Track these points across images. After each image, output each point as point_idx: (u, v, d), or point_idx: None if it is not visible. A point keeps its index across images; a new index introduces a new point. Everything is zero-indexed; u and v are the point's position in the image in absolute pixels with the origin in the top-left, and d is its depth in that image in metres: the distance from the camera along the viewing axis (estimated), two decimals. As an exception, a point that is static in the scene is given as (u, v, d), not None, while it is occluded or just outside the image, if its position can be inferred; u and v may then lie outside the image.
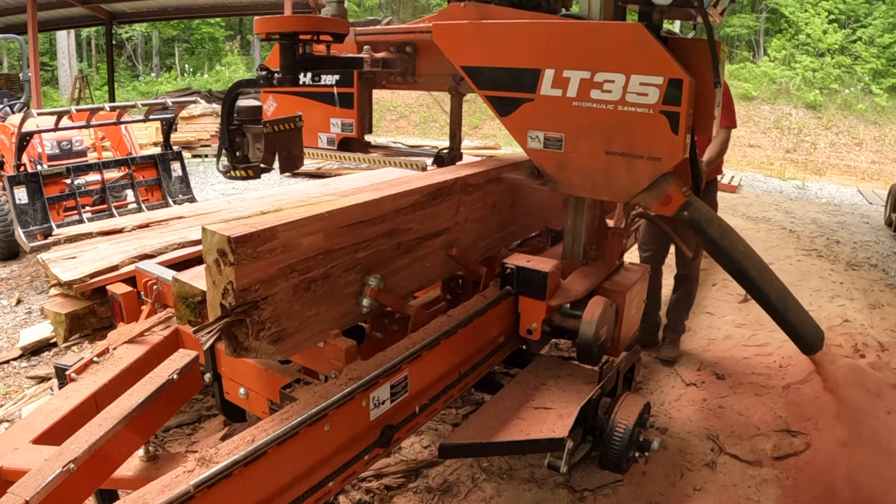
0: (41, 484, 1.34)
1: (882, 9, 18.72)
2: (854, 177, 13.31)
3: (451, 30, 2.32)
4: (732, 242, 2.27)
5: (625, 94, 2.03)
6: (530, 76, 2.16)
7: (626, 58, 2.01)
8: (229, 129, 2.19)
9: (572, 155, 2.18)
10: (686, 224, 2.19)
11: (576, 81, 2.09)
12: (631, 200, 2.19)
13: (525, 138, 2.25)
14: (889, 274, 6.01)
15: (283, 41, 2.09)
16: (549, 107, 2.15)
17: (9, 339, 4.28)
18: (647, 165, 2.06)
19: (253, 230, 1.49)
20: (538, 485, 2.76)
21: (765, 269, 2.36)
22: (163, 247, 2.67)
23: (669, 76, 1.95)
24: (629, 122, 2.04)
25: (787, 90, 16.92)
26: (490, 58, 2.24)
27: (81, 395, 1.81)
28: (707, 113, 2.13)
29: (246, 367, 1.98)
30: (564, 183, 2.25)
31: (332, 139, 3.07)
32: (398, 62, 2.79)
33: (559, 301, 2.22)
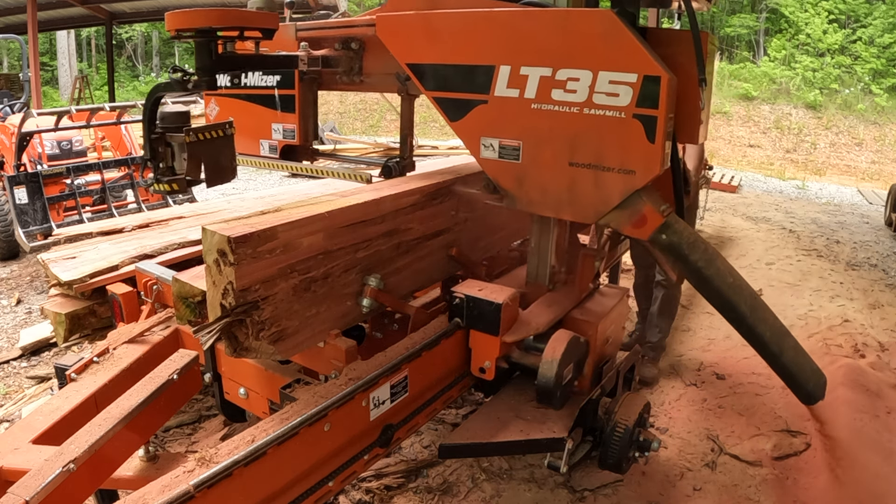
0: (41, 484, 1.34)
1: (882, 9, 18.72)
2: (854, 177, 13.31)
3: (395, 22, 2.03)
4: (719, 272, 1.93)
5: (591, 94, 1.74)
6: (483, 74, 1.88)
7: (594, 51, 1.73)
8: (151, 138, 1.98)
9: (531, 166, 1.89)
10: (664, 249, 1.88)
11: (535, 80, 1.81)
12: (599, 221, 1.88)
13: (478, 147, 1.96)
14: (889, 274, 6.01)
15: (199, 38, 1.86)
16: (504, 110, 1.87)
17: (9, 339, 4.28)
18: (617, 180, 1.77)
19: (253, 230, 1.49)
20: (538, 485, 2.76)
21: (758, 304, 2.03)
22: (163, 247, 2.67)
23: (644, 73, 1.66)
24: (597, 127, 1.76)
25: (787, 90, 16.91)
26: (438, 53, 1.95)
27: (81, 395, 1.82)
28: (691, 117, 1.88)
29: (246, 367, 1.98)
30: (522, 199, 1.95)
31: (274, 146, 2.77)
32: (342, 60, 2.47)
33: (516, 336, 1.94)
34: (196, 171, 2.04)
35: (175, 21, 1.83)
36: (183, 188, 2.03)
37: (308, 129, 2.71)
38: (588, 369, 2.09)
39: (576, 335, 1.95)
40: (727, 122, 15.88)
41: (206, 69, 1.90)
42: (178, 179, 2.03)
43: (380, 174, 2.61)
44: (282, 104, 2.67)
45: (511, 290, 1.95)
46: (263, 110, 2.74)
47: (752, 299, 2.01)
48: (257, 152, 2.82)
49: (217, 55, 1.90)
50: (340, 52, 2.46)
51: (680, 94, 1.80)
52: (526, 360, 1.98)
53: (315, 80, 2.65)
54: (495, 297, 1.90)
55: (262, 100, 2.74)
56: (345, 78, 2.54)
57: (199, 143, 2.03)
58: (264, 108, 2.74)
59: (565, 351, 1.88)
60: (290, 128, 2.68)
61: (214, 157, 2.11)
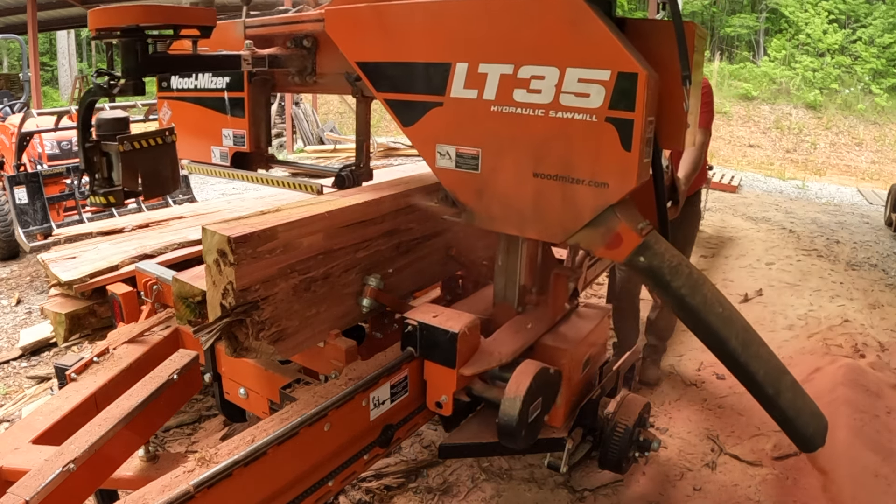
0: (41, 484, 1.34)
1: (882, 9, 18.73)
2: (854, 177, 13.31)
3: (344, 16, 1.85)
4: (707, 301, 1.69)
5: (558, 94, 1.54)
6: (438, 73, 1.69)
7: (560, 45, 1.52)
8: (85, 147, 1.84)
9: (491, 178, 1.69)
10: (643, 274, 1.66)
11: (494, 79, 1.61)
12: (569, 240, 1.66)
13: (433, 155, 1.76)
14: (889, 274, 6.01)
15: (124, 38, 1.68)
16: (461, 113, 1.68)
17: (9, 339, 4.28)
18: (588, 193, 1.57)
19: (253, 230, 1.49)
20: (538, 485, 2.76)
21: (751, 337, 1.79)
22: (163, 247, 2.67)
23: (619, 69, 1.46)
24: (564, 133, 1.55)
25: (787, 90, 16.92)
26: (390, 50, 1.77)
27: (81, 395, 1.82)
28: (676, 120, 1.66)
29: (246, 367, 1.98)
30: (482, 215, 1.75)
31: (224, 153, 2.53)
32: (293, 59, 2.25)
33: (476, 369, 1.73)
34: (133, 182, 1.90)
35: (97, 19, 1.66)
36: (120, 201, 1.90)
37: (259, 135, 2.48)
38: (562, 400, 1.90)
39: (545, 366, 1.75)
40: (727, 122, 15.88)
41: (132, 72, 1.71)
42: (115, 191, 1.89)
43: (333, 184, 2.34)
44: (231, 108, 2.45)
45: (469, 317, 1.74)
46: (214, 114, 2.51)
47: (745, 333, 1.76)
48: (209, 160, 2.60)
49: (145, 56, 1.72)
50: (291, 51, 2.25)
51: (664, 93, 1.61)
52: (489, 393, 1.77)
53: (267, 81, 2.44)
54: (451, 326, 1.69)
55: (213, 103, 2.51)
56: (297, 79, 2.32)
57: (135, 152, 1.89)
58: (214, 112, 2.51)
59: (531, 386, 1.67)
60: (241, 133, 2.45)
61: (153, 166, 1.96)
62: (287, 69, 2.26)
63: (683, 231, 3.36)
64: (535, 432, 1.78)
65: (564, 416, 1.93)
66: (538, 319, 1.98)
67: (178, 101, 2.66)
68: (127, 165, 1.87)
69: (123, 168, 1.87)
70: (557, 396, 1.87)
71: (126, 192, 1.90)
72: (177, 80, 2.58)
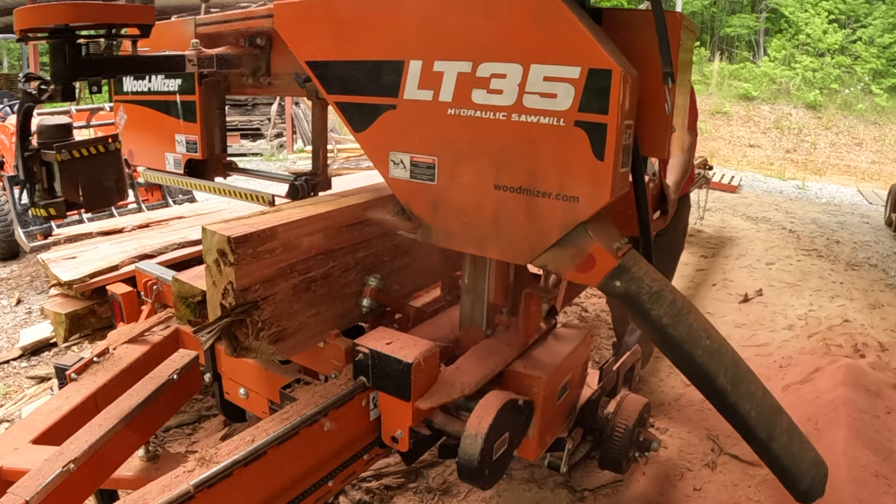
0: (41, 484, 1.34)
1: (882, 9, 18.73)
2: (854, 177, 13.32)
3: (293, 11, 1.71)
4: (692, 332, 1.51)
5: (521, 95, 1.37)
6: (391, 72, 1.54)
7: (524, 38, 1.36)
8: (24, 156, 1.73)
9: (449, 189, 1.53)
10: (620, 300, 1.48)
11: (451, 78, 1.45)
12: (534, 262, 1.49)
13: (386, 164, 1.61)
14: (889, 274, 6.01)
15: (52, 39, 1.55)
16: (416, 117, 1.53)
17: (9, 339, 4.28)
18: (556, 209, 1.40)
19: (253, 230, 1.49)
20: (538, 485, 2.76)
21: (742, 373, 1.60)
22: (163, 247, 2.68)
23: (590, 65, 1.29)
24: (529, 139, 1.39)
25: (787, 90, 16.93)
26: (340, 48, 1.62)
27: (81, 395, 1.82)
28: (659, 124, 1.48)
29: (246, 367, 1.98)
30: (439, 231, 1.59)
31: (178, 160, 2.38)
32: (246, 59, 2.09)
33: (435, 401, 1.57)
34: (73, 193, 1.79)
35: (23, 19, 1.54)
36: (62, 213, 1.80)
37: (213, 141, 2.32)
38: (535, 432, 1.72)
39: (512, 398, 1.60)
40: (727, 122, 15.89)
41: (61, 76, 1.58)
42: (56, 203, 1.78)
43: (287, 195, 2.20)
44: (183, 112, 2.29)
45: (426, 345, 1.58)
46: (167, 119, 2.35)
47: (735, 368, 1.57)
48: (163, 167, 2.46)
49: (74, 59, 1.59)
50: (243, 50, 2.09)
51: (646, 94, 1.45)
52: (452, 426, 1.60)
53: (220, 83, 2.28)
54: (405, 355, 1.53)
55: (166, 107, 2.35)
56: (251, 80, 2.16)
57: (75, 161, 1.77)
58: (167, 117, 2.35)
59: (495, 421, 1.51)
60: (193, 139, 2.30)
61: (94, 176, 1.84)
62: (240, 70, 2.11)
63: (668, 240, 3.11)
64: (501, 470, 1.63)
65: (538, 448, 1.76)
66: (508, 343, 1.79)
67: (132, 105, 2.52)
68: (66, 175, 1.76)
69: (62, 178, 1.75)
70: (529, 428, 1.71)
71: (68, 203, 1.80)
72: (130, 83, 2.46)
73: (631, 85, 1.35)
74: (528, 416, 1.70)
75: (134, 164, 2.59)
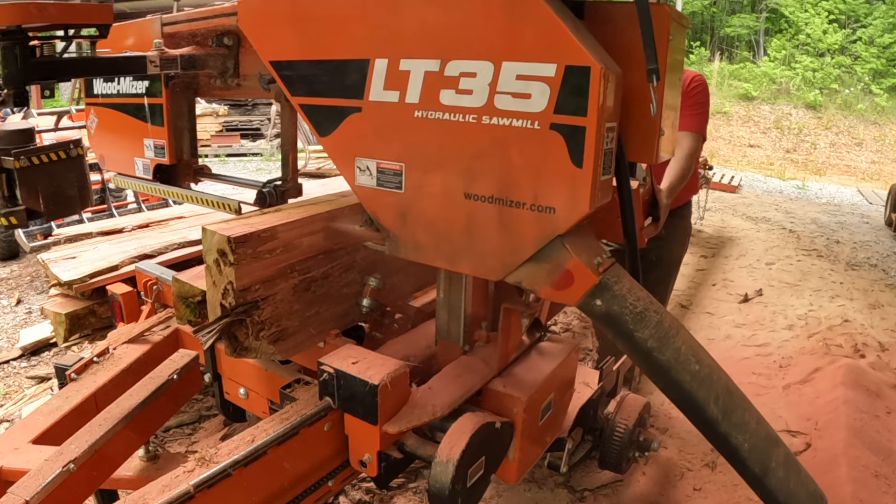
0: (41, 484, 1.34)
1: (882, 9, 18.74)
2: (854, 177, 13.33)
3: (257, 8, 1.61)
4: (679, 356, 1.39)
5: (492, 95, 1.27)
6: (356, 72, 1.44)
7: (495, 33, 1.26)
8: None
9: (417, 198, 1.43)
10: (601, 321, 1.37)
11: (418, 77, 1.35)
12: (508, 278, 1.38)
13: (352, 170, 1.51)
14: (889, 274, 6.01)
15: (3, 41, 1.50)
16: (382, 120, 1.43)
17: (9, 339, 4.28)
18: (530, 220, 1.30)
19: (253, 230, 1.49)
20: (538, 485, 2.76)
21: (734, 401, 1.48)
22: (163, 247, 2.68)
23: (567, 62, 1.19)
24: (501, 144, 1.29)
25: (787, 90, 16.93)
26: (305, 46, 1.53)
27: (81, 395, 1.82)
28: (646, 126, 1.39)
29: (246, 367, 1.98)
30: (407, 243, 1.49)
31: (147, 166, 2.29)
32: (212, 59, 1.99)
33: (404, 425, 1.46)
34: (34, 201, 1.72)
35: None
36: (23, 222, 1.74)
37: (182, 146, 2.24)
38: (517, 454, 1.63)
39: (488, 421, 1.49)
40: (727, 122, 15.89)
41: (12, 80, 1.52)
42: (17, 212, 1.71)
43: (255, 202, 2.10)
44: (151, 115, 2.20)
45: (394, 365, 1.48)
46: (136, 122, 2.26)
47: (727, 396, 1.46)
48: (132, 172, 2.37)
49: (26, 62, 1.52)
50: (210, 50, 1.99)
51: (632, 94, 1.35)
52: (424, 450, 1.49)
53: (189, 85, 2.18)
54: (371, 376, 1.43)
55: (135, 110, 2.25)
56: (219, 81, 2.06)
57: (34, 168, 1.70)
58: (136, 121, 2.26)
59: (469, 446, 1.41)
60: (161, 143, 2.21)
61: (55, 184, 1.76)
62: (207, 71, 2.00)
63: (669, 249, 2.96)
64: (476, 495, 1.54)
65: (519, 470, 1.66)
66: (487, 360, 1.68)
67: (102, 108, 2.43)
68: (25, 183, 1.68)
69: (21, 186, 1.68)
70: (509, 451, 1.62)
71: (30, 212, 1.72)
72: (100, 85, 2.39)
73: (613, 84, 1.23)
74: (508, 438, 1.60)
75: (105, 168, 2.53)
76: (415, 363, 1.66)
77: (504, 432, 1.57)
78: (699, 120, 2.61)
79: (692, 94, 2.59)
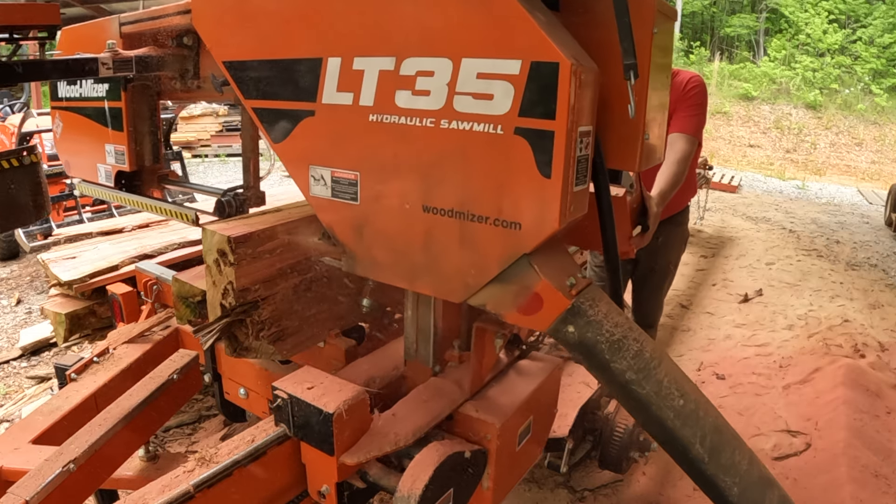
0: (41, 484, 1.34)
1: (882, 9, 18.74)
2: (854, 177, 13.33)
3: (209, 5, 1.51)
4: (661, 390, 1.25)
5: (451, 97, 1.14)
6: (308, 72, 1.33)
7: (453, 27, 1.13)
8: None
9: (373, 211, 1.32)
10: (573, 350, 1.23)
11: (372, 77, 1.23)
12: (471, 300, 1.25)
13: (306, 179, 1.40)
14: (889, 274, 6.01)
15: None
16: (335, 125, 1.32)
17: (9, 339, 4.28)
18: (494, 237, 1.17)
19: (253, 230, 1.49)
20: (538, 485, 2.76)
21: (725, 440, 1.34)
22: (163, 247, 2.68)
23: (533, 58, 1.05)
24: (461, 151, 1.16)
25: (787, 90, 16.93)
26: (257, 45, 1.41)
27: (81, 395, 1.82)
28: (627, 130, 1.25)
29: (246, 367, 1.98)
30: (364, 259, 1.38)
31: (109, 172, 2.18)
32: (171, 61, 1.87)
33: (363, 455, 1.35)
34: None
35: None
36: None
37: (143, 152, 2.12)
38: (492, 482, 1.51)
39: (456, 451, 1.38)
40: (727, 122, 15.90)
41: None
42: None
43: (214, 211, 2.00)
44: (112, 120, 2.09)
45: (352, 391, 1.36)
46: (98, 127, 2.15)
47: (716, 433, 1.31)
48: (95, 179, 2.26)
49: None
50: (169, 51, 1.88)
51: (612, 94, 1.22)
52: (388, 480, 1.38)
53: (150, 88, 2.06)
54: (325, 403, 1.32)
55: (96, 114, 2.15)
56: (179, 83, 1.94)
57: None
58: (98, 125, 2.15)
59: (433, 479, 1.31)
60: (122, 149, 2.10)
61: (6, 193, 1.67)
62: (166, 72, 1.90)
63: (665, 257, 2.82)
64: None
65: (495, 500, 1.55)
66: (459, 382, 1.56)
67: (66, 112, 2.32)
68: None
69: None
70: (483, 479, 1.50)
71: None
72: (64, 88, 2.30)
73: (588, 82, 1.09)
74: (480, 467, 1.47)
75: (70, 174, 2.44)
76: (378, 387, 1.57)
77: (476, 461, 1.44)
78: (695, 122, 2.48)
79: (689, 96, 2.49)
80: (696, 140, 2.48)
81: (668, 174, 2.25)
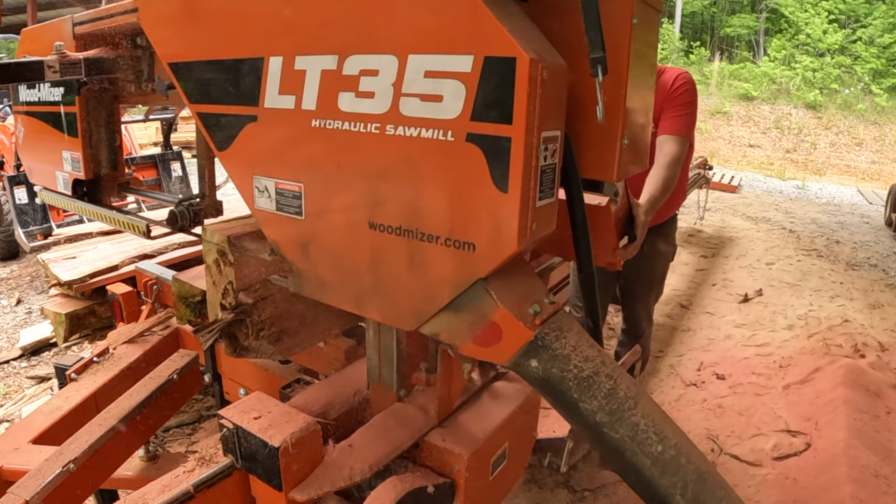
0: (41, 484, 1.34)
1: (882, 9, 18.74)
2: (854, 177, 13.33)
3: (156, 4, 1.41)
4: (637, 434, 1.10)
5: (397, 98, 1.02)
6: (250, 73, 1.21)
7: (398, 18, 1.01)
8: None
9: (318, 227, 1.21)
10: (538, 387, 1.10)
11: (314, 78, 1.11)
12: (423, 329, 1.12)
13: (251, 190, 1.30)
14: (889, 274, 6.01)
15: None
16: (278, 131, 1.21)
17: (9, 339, 4.28)
18: (446, 259, 1.03)
19: (253, 230, 1.49)
20: (538, 485, 2.76)
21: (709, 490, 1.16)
22: (163, 247, 2.68)
23: (486, 53, 0.92)
24: (407, 160, 1.03)
25: (787, 90, 16.93)
26: (200, 45, 1.31)
27: (81, 395, 1.82)
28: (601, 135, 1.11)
29: (246, 367, 1.98)
30: (310, 278, 1.27)
31: (66, 180, 2.09)
32: (125, 62, 1.77)
33: (315, 492, 1.24)
34: None
35: None
36: None
37: (100, 159, 2.01)
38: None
39: (417, 486, 1.28)
40: (727, 122, 15.90)
41: None
42: None
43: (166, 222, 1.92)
44: (67, 126, 1.98)
45: (302, 423, 1.26)
46: (55, 133, 2.05)
47: (698, 483, 1.14)
48: (54, 186, 2.17)
49: None
50: (121, 52, 1.78)
51: (585, 94, 1.08)
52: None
53: (107, 91, 1.94)
54: (272, 436, 1.22)
55: (54, 119, 2.04)
56: (132, 87, 1.84)
57: None
58: (55, 131, 2.05)
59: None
60: (77, 157, 2.00)
61: None
62: (119, 75, 1.80)
63: (648, 268, 2.69)
64: None
65: None
66: (425, 408, 1.44)
67: (26, 117, 2.23)
68: None
69: None
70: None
71: None
72: (25, 92, 2.21)
73: (552, 81, 0.94)
74: (447, 501, 1.36)
75: (32, 182, 2.37)
76: (338, 414, 1.47)
77: (441, 496, 1.33)
78: (685, 122, 2.30)
79: (677, 94, 2.32)
80: (687, 141, 2.33)
81: (658, 179, 2.12)
